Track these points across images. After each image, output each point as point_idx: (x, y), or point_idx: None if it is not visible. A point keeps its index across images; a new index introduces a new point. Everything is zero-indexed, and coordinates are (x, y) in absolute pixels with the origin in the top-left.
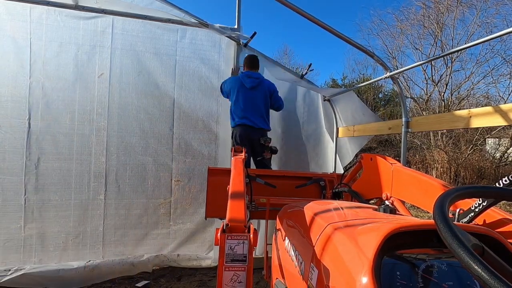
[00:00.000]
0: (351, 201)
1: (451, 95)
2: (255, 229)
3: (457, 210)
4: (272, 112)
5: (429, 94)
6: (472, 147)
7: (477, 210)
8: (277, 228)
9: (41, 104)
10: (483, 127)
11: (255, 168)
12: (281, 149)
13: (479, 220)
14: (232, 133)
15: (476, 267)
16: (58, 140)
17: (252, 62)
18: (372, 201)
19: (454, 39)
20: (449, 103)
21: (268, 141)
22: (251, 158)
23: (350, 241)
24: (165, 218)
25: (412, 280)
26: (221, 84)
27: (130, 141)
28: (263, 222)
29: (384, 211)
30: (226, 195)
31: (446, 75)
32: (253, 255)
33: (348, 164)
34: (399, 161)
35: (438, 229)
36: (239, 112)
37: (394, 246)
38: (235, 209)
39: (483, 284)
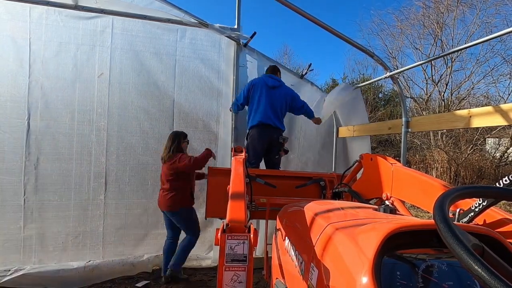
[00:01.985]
0: (351, 201)
1: (451, 95)
2: (255, 229)
3: (457, 210)
4: None
5: (429, 94)
6: (472, 147)
7: (477, 210)
8: (277, 228)
9: (40, 104)
10: (483, 127)
11: (265, 168)
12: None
13: (479, 220)
14: (248, 133)
15: (476, 267)
16: (58, 140)
17: (274, 69)
18: (372, 201)
19: (454, 39)
20: (449, 103)
21: (286, 140)
22: (262, 158)
23: (350, 241)
24: None
25: (412, 280)
26: (239, 95)
27: (130, 141)
28: (263, 222)
29: (384, 211)
30: (226, 195)
31: (446, 75)
32: (253, 255)
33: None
34: (399, 161)
35: (438, 229)
36: (261, 110)
37: (394, 246)
38: (235, 210)
39: (483, 284)
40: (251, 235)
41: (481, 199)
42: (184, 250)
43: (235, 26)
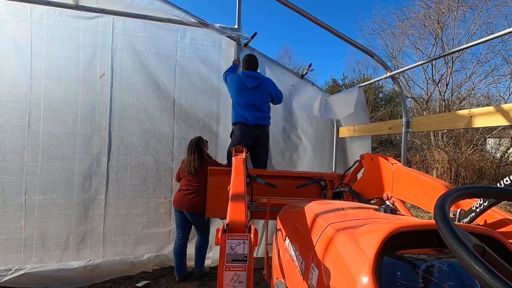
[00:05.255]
0: (352, 201)
1: (452, 95)
2: (255, 229)
3: (458, 210)
4: (273, 113)
5: (429, 94)
6: (472, 147)
7: (478, 210)
8: (278, 228)
9: (42, 104)
10: (483, 127)
11: (252, 166)
12: (282, 149)
13: (480, 220)
14: (232, 130)
15: (476, 267)
16: (59, 139)
17: (252, 63)
18: (373, 201)
19: (455, 39)
20: (450, 103)
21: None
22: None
23: (350, 241)
24: (166, 217)
25: (413, 280)
26: (225, 74)
27: (130, 140)
28: (263, 222)
29: (385, 211)
30: (227, 195)
31: (447, 75)
32: (254, 255)
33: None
34: (399, 161)
35: (439, 229)
36: (241, 110)
37: (394, 246)
38: (235, 210)
39: (484, 284)
40: (252, 235)
41: (482, 199)
42: (203, 249)
43: (236, 26)
